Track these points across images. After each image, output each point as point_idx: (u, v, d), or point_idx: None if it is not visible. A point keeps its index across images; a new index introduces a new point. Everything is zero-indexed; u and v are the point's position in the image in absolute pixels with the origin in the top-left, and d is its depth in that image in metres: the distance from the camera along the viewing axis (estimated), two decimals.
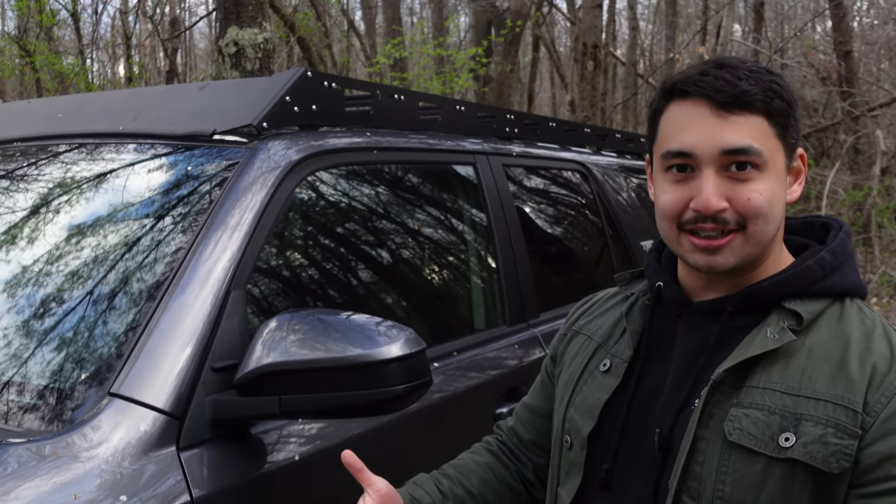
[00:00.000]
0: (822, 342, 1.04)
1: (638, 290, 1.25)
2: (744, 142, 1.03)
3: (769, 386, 1.02)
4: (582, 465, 1.17)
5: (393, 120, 2.27)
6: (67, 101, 2.42)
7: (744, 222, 1.04)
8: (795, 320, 1.05)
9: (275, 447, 1.52)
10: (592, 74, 10.63)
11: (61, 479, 1.22)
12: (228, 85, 2.18)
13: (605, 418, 1.16)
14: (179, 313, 1.47)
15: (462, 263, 2.41)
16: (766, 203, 1.04)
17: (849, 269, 1.10)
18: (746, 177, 1.04)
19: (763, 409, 1.01)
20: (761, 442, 0.99)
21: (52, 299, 1.62)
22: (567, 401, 1.23)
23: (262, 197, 1.69)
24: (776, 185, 1.06)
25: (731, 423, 1.02)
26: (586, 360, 1.25)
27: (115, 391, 1.36)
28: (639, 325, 1.20)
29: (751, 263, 1.08)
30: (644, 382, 1.15)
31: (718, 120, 1.03)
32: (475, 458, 1.39)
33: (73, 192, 1.90)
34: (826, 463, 0.97)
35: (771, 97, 1.04)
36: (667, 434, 1.07)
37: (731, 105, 1.03)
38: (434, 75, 11.52)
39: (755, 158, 1.03)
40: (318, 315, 1.45)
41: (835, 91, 11.03)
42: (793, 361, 1.03)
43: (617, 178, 3.32)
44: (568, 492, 1.19)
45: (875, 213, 8.76)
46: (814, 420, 0.98)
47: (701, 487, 1.02)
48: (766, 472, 0.99)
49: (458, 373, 2.05)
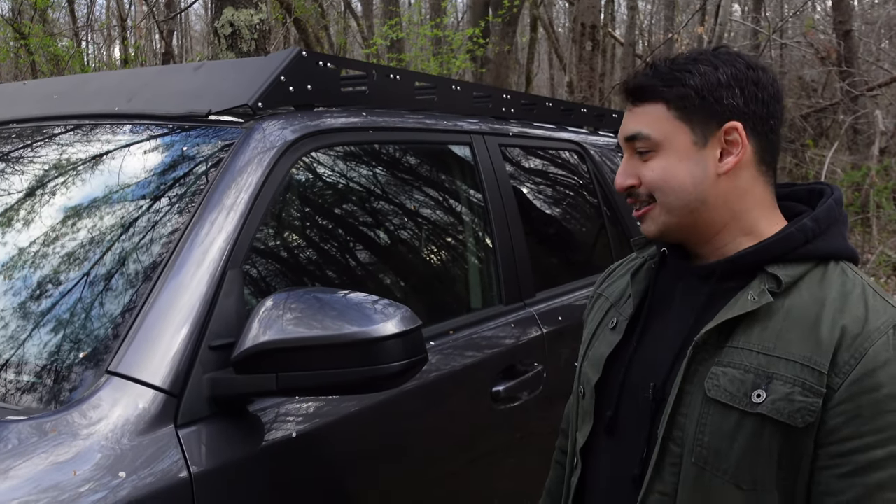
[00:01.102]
0: (801, 304, 1.11)
1: (647, 255, 1.37)
2: (635, 129, 1.21)
3: (747, 346, 1.11)
4: (592, 412, 1.30)
5: (389, 100, 2.27)
6: (62, 82, 2.41)
7: (653, 195, 1.20)
8: (776, 283, 1.13)
9: (272, 424, 1.54)
10: (591, 55, 10.59)
11: (61, 456, 1.23)
12: (224, 65, 2.17)
13: (610, 370, 1.28)
14: (176, 293, 1.48)
15: (458, 243, 2.41)
16: (658, 178, 1.19)
17: (835, 235, 1.17)
18: (647, 157, 1.21)
19: (739, 367, 1.10)
20: (735, 398, 1.09)
21: (50, 280, 1.63)
22: (583, 355, 1.38)
23: (257, 177, 1.70)
24: (673, 161, 1.19)
25: (710, 381, 1.12)
26: (601, 318, 1.39)
27: (113, 370, 1.37)
28: (642, 286, 1.32)
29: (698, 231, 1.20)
30: (645, 339, 1.26)
31: (629, 112, 1.24)
32: (553, 479, 1.56)
33: (69, 174, 1.90)
34: (792, 418, 1.05)
35: (670, 85, 1.18)
36: (660, 387, 1.19)
37: (634, 98, 1.22)
38: (431, 56, 11.46)
39: (644, 143, 1.20)
40: (314, 293, 1.46)
41: (834, 71, 10.99)
42: (770, 323, 1.11)
43: (614, 159, 3.32)
44: (582, 435, 1.33)
45: (873, 193, 8.75)
46: (783, 379, 1.07)
47: (684, 436, 1.13)
48: (739, 425, 1.09)
49: (454, 352, 2.06)
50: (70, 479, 1.20)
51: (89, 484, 1.22)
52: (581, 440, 1.32)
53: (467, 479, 2.08)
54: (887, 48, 14.00)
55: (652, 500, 1.16)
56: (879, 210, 8.76)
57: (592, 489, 1.31)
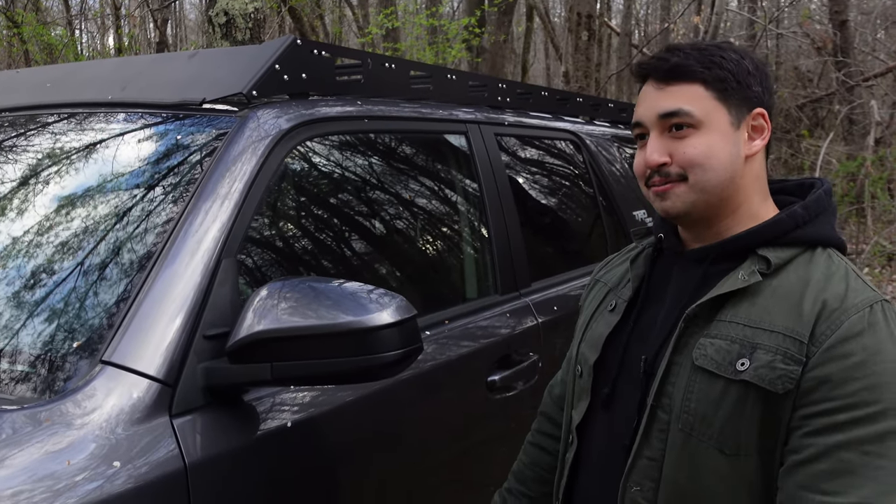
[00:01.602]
0: (787, 283, 1.18)
1: (646, 243, 1.44)
2: (676, 105, 1.22)
3: (735, 320, 1.18)
4: (589, 390, 1.36)
5: (384, 89, 2.26)
6: (56, 70, 2.40)
7: (684, 174, 1.22)
8: (765, 265, 1.19)
9: (267, 414, 1.53)
10: (587, 45, 10.55)
11: (55, 445, 1.23)
12: (218, 53, 2.16)
13: (608, 350, 1.34)
14: (170, 282, 1.47)
15: (454, 233, 2.41)
16: (702, 154, 1.21)
17: (823, 223, 1.23)
18: (683, 135, 1.22)
19: (726, 339, 1.17)
20: (721, 366, 1.16)
21: (44, 269, 1.62)
22: (581, 337, 1.43)
23: (252, 166, 1.69)
24: (716, 140, 1.22)
25: (698, 350, 1.18)
26: (598, 302, 1.44)
27: (107, 359, 1.37)
28: (641, 271, 1.38)
29: (714, 211, 1.24)
30: (641, 319, 1.32)
31: (657, 92, 1.25)
32: (524, 461, 1.61)
33: (62, 163, 1.89)
34: (773, 384, 1.11)
35: (708, 67, 1.22)
36: (651, 360, 1.25)
37: (666, 78, 1.24)
38: (427, 46, 11.41)
39: (687, 118, 1.21)
40: (309, 283, 1.46)
41: (830, 61, 10.98)
42: (758, 300, 1.18)
43: (610, 149, 3.31)
44: (578, 412, 1.38)
45: (868, 183, 8.75)
46: (766, 348, 1.13)
47: (672, 403, 1.19)
48: (724, 392, 1.15)
49: (450, 341, 2.06)
50: (64, 469, 1.20)
51: (84, 473, 1.21)
52: (577, 417, 1.37)
53: (462, 469, 2.09)
54: (883, 38, 14.00)
55: (640, 464, 1.22)
56: (874, 200, 8.78)
57: (587, 463, 1.37)
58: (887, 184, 9.08)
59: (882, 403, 1.07)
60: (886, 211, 8.87)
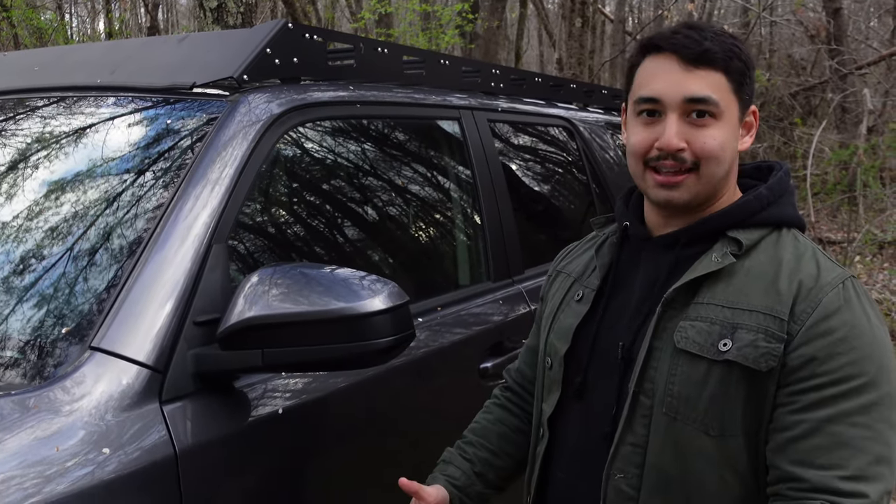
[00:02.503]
0: (759, 264, 1.20)
1: (609, 231, 1.43)
2: (705, 92, 1.19)
3: (712, 302, 1.19)
4: (560, 381, 1.35)
5: (377, 74, 2.24)
6: (44, 53, 2.37)
7: (698, 163, 1.20)
8: (737, 246, 1.21)
9: (259, 401, 1.53)
10: (580, 32, 10.52)
11: (43, 431, 1.21)
12: (208, 37, 2.14)
13: (578, 339, 1.33)
14: (160, 268, 1.46)
15: (447, 219, 2.40)
16: (719, 147, 1.20)
17: (786, 204, 1.26)
18: (704, 123, 1.20)
19: (706, 320, 1.18)
20: (704, 348, 1.16)
21: (33, 255, 1.61)
22: (548, 328, 1.41)
23: (243, 151, 1.67)
24: (729, 134, 1.21)
25: (679, 333, 1.19)
26: (564, 293, 1.43)
27: (96, 345, 1.35)
28: (607, 259, 1.37)
29: (704, 201, 1.24)
30: (611, 307, 1.32)
31: (684, 72, 1.19)
32: (488, 418, 1.56)
33: (51, 147, 1.87)
34: (756, 363, 1.13)
35: (731, 57, 1.20)
36: (628, 346, 1.25)
37: (696, 60, 1.19)
38: (420, 32, 11.35)
39: (713, 108, 1.19)
40: (300, 269, 1.45)
41: (823, 49, 10.97)
42: (733, 281, 1.19)
43: (603, 135, 3.30)
44: (549, 405, 1.37)
45: (860, 172, 8.77)
46: (747, 328, 1.15)
47: (654, 388, 1.20)
48: (708, 373, 1.16)
49: (442, 328, 2.06)
50: (53, 456, 1.19)
51: (73, 460, 1.20)
52: (548, 410, 1.36)
53: None
54: (876, 27, 14.00)
55: (623, 451, 1.21)
56: (866, 189, 8.80)
57: (561, 454, 1.35)
58: (879, 172, 9.10)
59: (865, 376, 1.11)
60: (878, 199, 8.90)
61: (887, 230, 8.09)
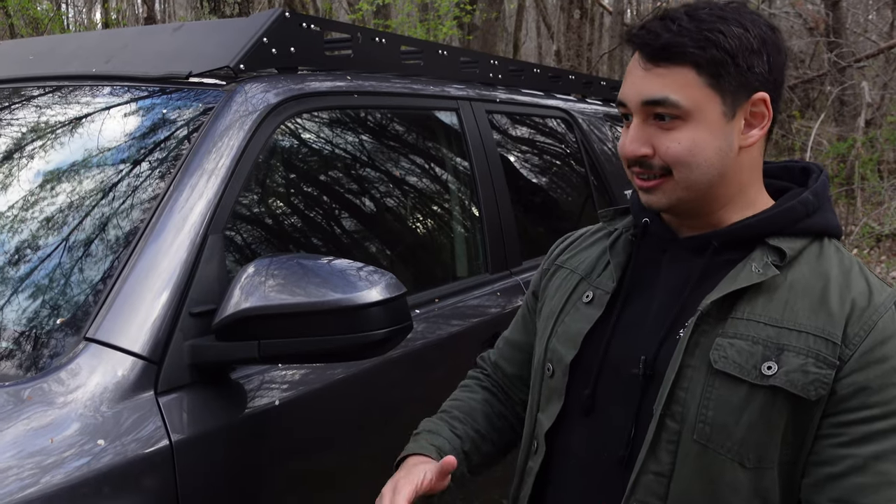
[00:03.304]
0: (803, 277, 1.09)
1: (622, 226, 1.30)
2: (660, 94, 1.07)
3: (753, 318, 1.07)
4: (563, 391, 1.22)
5: (374, 64, 2.23)
6: (39, 43, 2.35)
7: (669, 168, 1.10)
8: (778, 256, 1.10)
9: (255, 392, 1.52)
10: (579, 23, 10.49)
11: (38, 422, 1.21)
12: (205, 26, 2.12)
13: (587, 346, 1.20)
14: (155, 258, 1.45)
15: (444, 211, 2.39)
16: (686, 151, 1.08)
17: (828, 211, 1.15)
18: (669, 126, 1.09)
19: (747, 339, 1.06)
20: (745, 370, 1.05)
21: (27, 245, 1.60)
22: (550, 331, 1.28)
23: (239, 141, 1.66)
24: (703, 135, 1.08)
25: (716, 352, 1.07)
26: (569, 292, 1.29)
27: (91, 336, 1.34)
28: (622, 258, 1.24)
29: (706, 206, 1.13)
30: (626, 313, 1.19)
31: (643, 72, 1.09)
32: (474, 397, 1.43)
33: (46, 137, 1.85)
34: (805, 390, 1.02)
35: (703, 47, 1.06)
36: (651, 361, 1.12)
37: (654, 57, 1.08)
38: (418, 23, 11.31)
39: (672, 110, 1.07)
40: (297, 260, 1.44)
41: (822, 42, 10.95)
42: (775, 295, 1.08)
43: (602, 127, 3.29)
44: (548, 417, 1.24)
45: (858, 164, 8.78)
46: (795, 350, 1.04)
47: (684, 412, 1.07)
48: (748, 398, 1.04)
49: (440, 320, 2.05)
50: (48, 447, 1.18)
51: (68, 451, 1.20)
52: (547, 422, 1.24)
53: None
54: (875, 19, 13.97)
55: (645, 480, 1.09)
56: (864, 182, 8.81)
57: (562, 473, 1.23)
58: (877, 165, 9.11)
59: None
60: (876, 192, 8.91)
61: (885, 223, 8.10)
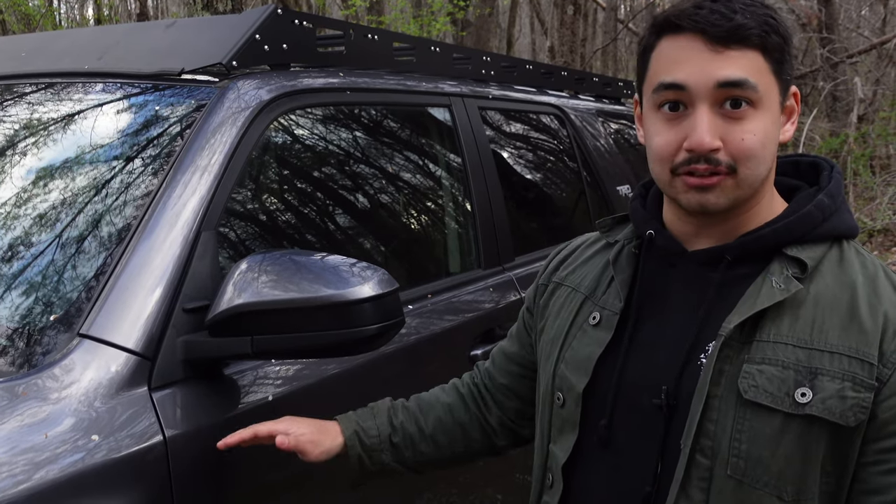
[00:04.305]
0: (827, 289, 1.01)
1: (622, 237, 1.20)
2: (740, 75, 0.98)
3: (780, 339, 1.00)
4: (577, 422, 1.14)
5: (367, 61, 2.23)
6: (31, 39, 2.35)
7: (735, 165, 1.00)
8: (799, 268, 1.02)
9: (248, 388, 1.52)
10: (572, 19, 10.50)
11: (32, 418, 1.21)
12: (197, 23, 2.12)
13: (600, 373, 1.12)
14: (149, 255, 1.45)
15: (437, 206, 2.40)
16: (760, 144, 1.00)
17: (845, 212, 1.07)
18: (741, 115, 1.00)
19: (777, 364, 0.99)
20: (777, 398, 0.97)
21: (21, 242, 1.60)
22: (556, 357, 1.19)
23: (232, 137, 1.66)
24: (770, 125, 1.01)
25: (745, 381, 0.99)
26: (573, 313, 1.20)
27: (85, 332, 1.35)
28: (627, 274, 1.15)
29: (743, 206, 1.05)
30: (639, 335, 1.11)
31: (713, 54, 0.99)
32: (440, 398, 1.44)
33: (38, 134, 1.85)
34: (844, 417, 0.96)
35: (767, 32, 0.99)
36: (673, 391, 1.04)
37: (726, 39, 0.98)
38: (411, 19, 11.31)
39: (751, 94, 0.99)
40: (290, 256, 1.44)
41: (814, 37, 10.99)
42: (801, 312, 1.00)
43: (594, 123, 3.30)
44: (563, 449, 1.16)
45: (851, 160, 8.82)
46: (830, 374, 0.97)
47: (715, 446, 1.00)
48: (784, 429, 0.97)
49: (433, 315, 2.06)
50: (42, 442, 1.19)
51: (62, 447, 1.20)
52: (563, 456, 1.16)
53: None
54: (867, 15, 14.02)
55: None
56: (856, 177, 8.84)
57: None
58: (869, 161, 9.15)
59: None
60: (868, 188, 8.94)
61: (877, 218, 8.14)
